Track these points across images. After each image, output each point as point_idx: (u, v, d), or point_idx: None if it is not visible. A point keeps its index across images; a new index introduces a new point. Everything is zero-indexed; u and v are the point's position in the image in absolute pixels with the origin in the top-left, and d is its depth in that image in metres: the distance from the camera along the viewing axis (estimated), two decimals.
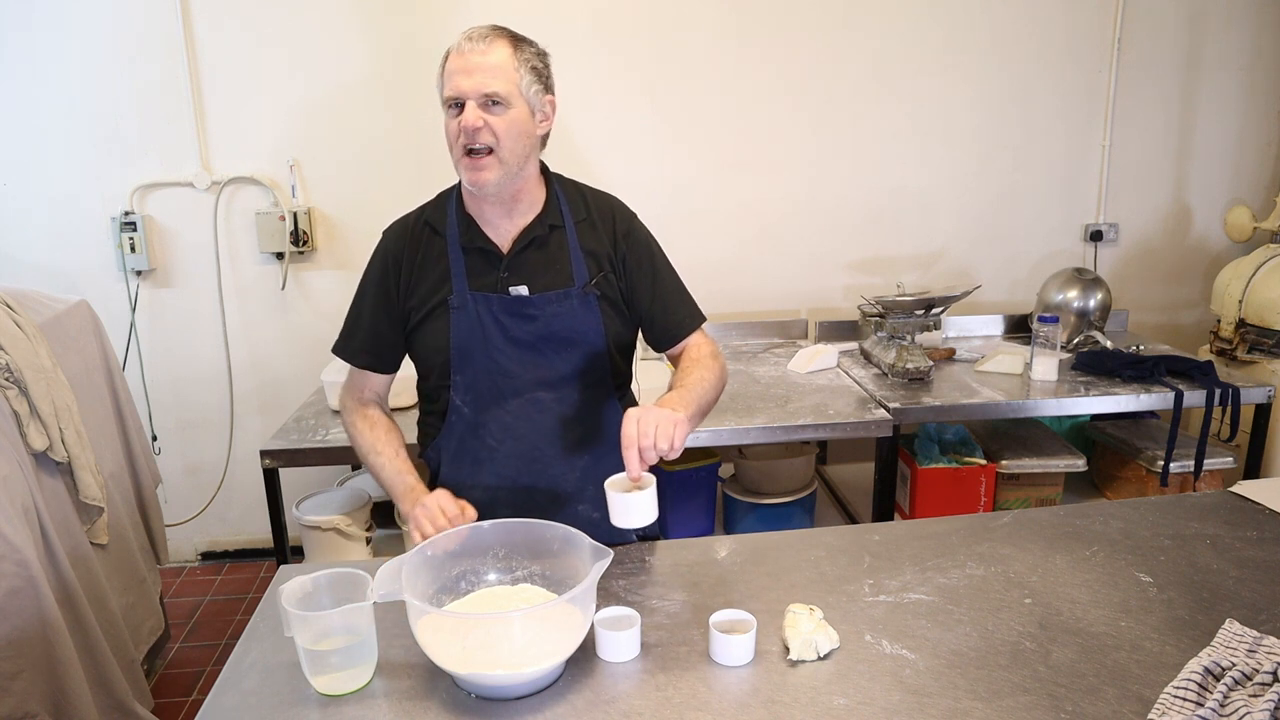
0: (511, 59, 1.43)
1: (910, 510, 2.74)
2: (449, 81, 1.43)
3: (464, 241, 1.52)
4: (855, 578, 1.46)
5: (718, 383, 1.54)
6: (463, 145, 1.43)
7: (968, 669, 1.21)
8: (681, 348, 1.61)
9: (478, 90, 1.41)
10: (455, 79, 1.42)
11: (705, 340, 1.62)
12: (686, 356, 1.58)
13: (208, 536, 3.41)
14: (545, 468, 1.55)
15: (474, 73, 1.41)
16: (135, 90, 2.98)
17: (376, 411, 1.60)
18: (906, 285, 3.00)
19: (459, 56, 1.43)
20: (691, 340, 1.61)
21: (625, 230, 1.58)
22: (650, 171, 3.18)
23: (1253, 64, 3.34)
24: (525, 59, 1.45)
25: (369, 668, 1.22)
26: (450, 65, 1.44)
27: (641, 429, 1.29)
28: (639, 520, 1.29)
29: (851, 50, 3.16)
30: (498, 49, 1.43)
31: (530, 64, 1.46)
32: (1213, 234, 3.49)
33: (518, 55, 1.44)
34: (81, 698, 1.90)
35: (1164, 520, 1.63)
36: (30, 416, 1.99)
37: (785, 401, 2.56)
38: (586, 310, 1.52)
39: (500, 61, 1.42)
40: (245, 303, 3.18)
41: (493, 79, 1.41)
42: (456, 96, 1.42)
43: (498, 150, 1.43)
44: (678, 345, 1.61)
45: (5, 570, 1.77)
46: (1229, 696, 1.10)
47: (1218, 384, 2.57)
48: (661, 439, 1.29)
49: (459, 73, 1.42)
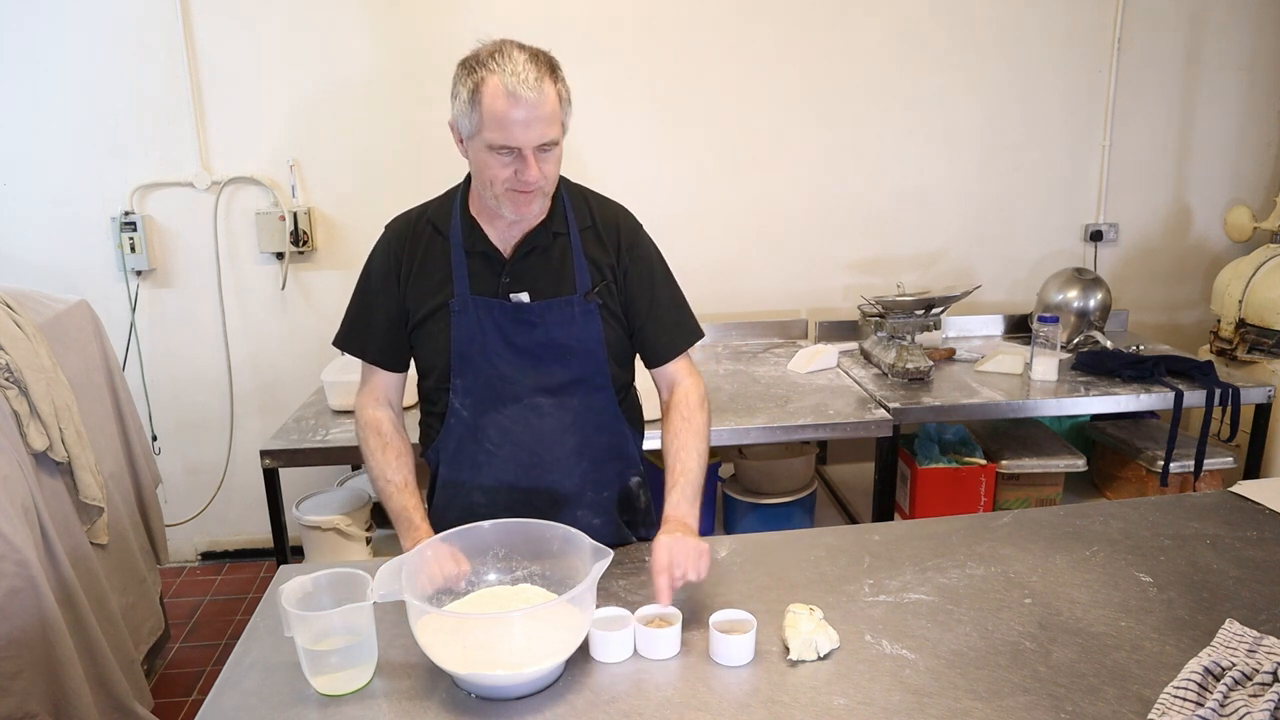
0: (556, 98, 1.39)
1: (910, 510, 2.74)
2: (499, 129, 1.35)
3: (467, 244, 1.52)
4: (855, 578, 1.46)
5: (707, 441, 1.57)
6: (509, 187, 1.40)
7: (968, 669, 1.21)
8: (670, 380, 1.60)
9: (538, 141, 1.37)
10: (513, 131, 1.34)
11: (693, 380, 1.60)
12: (676, 412, 1.56)
13: (208, 536, 3.41)
14: (544, 472, 1.55)
15: (533, 125, 1.35)
16: (135, 90, 2.98)
17: (389, 426, 1.57)
18: (906, 285, 3.00)
19: (513, 103, 1.33)
20: (680, 375, 1.60)
21: (630, 243, 1.57)
22: (651, 172, 3.18)
23: (1253, 64, 3.34)
24: (564, 89, 1.41)
25: (369, 668, 1.22)
26: (500, 108, 1.34)
27: (674, 559, 1.33)
28: (664, 654, 1.27)
29: (852, 50, 3.16)
30: (548, 93, 1.36)
31: (567, 92, 1.42)
32: (1213, 234, 3.49)
33: (560, 90, 1.40)
34: (81, 698, 1.90)
35: (1164, 520, 1.63)
36: (30, 416, 1.99)
37: (785, 401, 2.56)
38: (587, 319, 1.51)
39: (554, 108, 1.37)
40: (245, 303, 3.18)
41: (550, 127, 1.37)
42: (513, 146, 1.37)
43: (544, 187, 1.43)
44: (665, 367, 1.60)
45: (5, 570, 1.77)
46: (1229, 696, 1.10)
47: (1218, 384, 2.57)
48: (690, 570, 1.34)
49: (517, 125, 1.34)
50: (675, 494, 1.50)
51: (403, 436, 1.59)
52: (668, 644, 1.26)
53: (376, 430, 1.57)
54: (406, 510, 1.51)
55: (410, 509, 1.51)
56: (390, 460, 1.54)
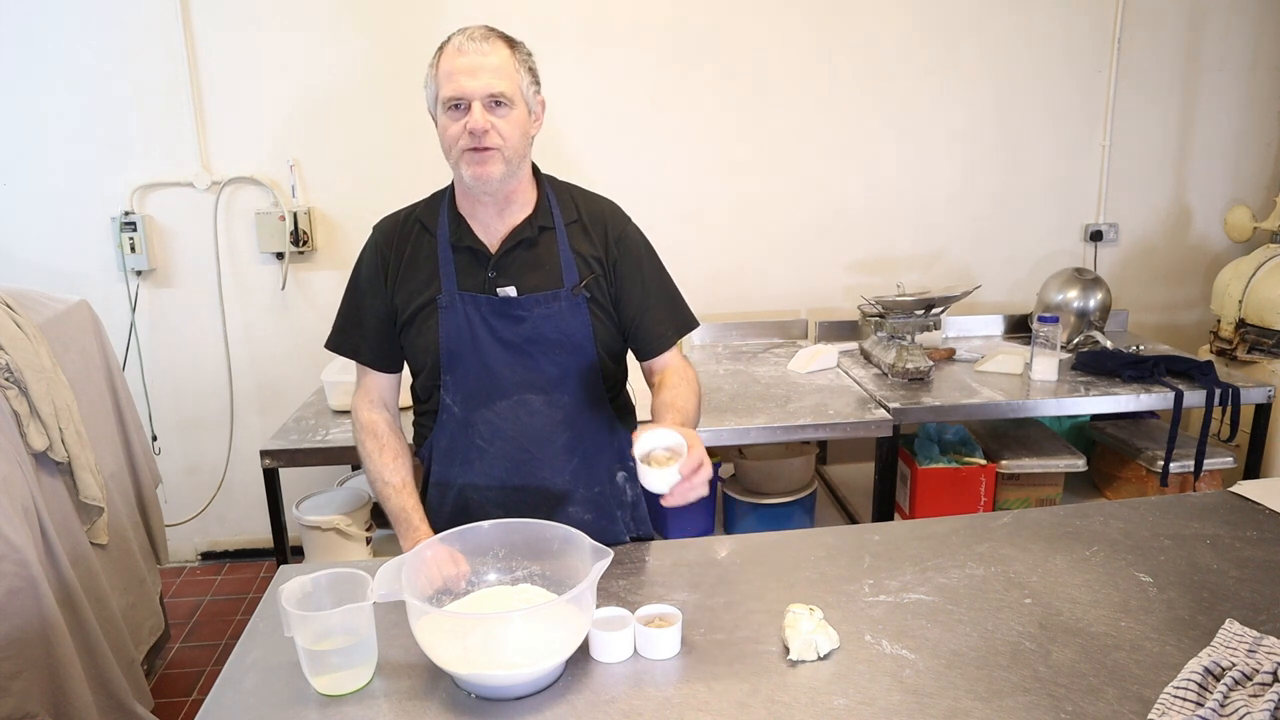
0: (511, 59, 1.43)
1: (910, 510, 2.74)
2: (449, 82, 1.40)
3: (453, 240, 1.52)
4: (855, 578, 1.46)
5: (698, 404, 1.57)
6: (463, 147, 1.41)
7: (968, 669, 1.21)
8: (662, 367, 1.61)
9: (484, 91, 1.39)
10: (458, 79, 1.39)
11: (684, 364, 1.61)
12: (667, 379, 1.57)
13: (208, 536, 3.41)
14: (535, 469, 1.55)
15: (479, 73, 1.39)
16: (135, 90, 2.98)
17: (385, 428, 1.58)
18: (906, 285, 3.00)
19: (459, 55, 1.40)
20: (671, 363, 1.61)
21: (619, 235, 1.57)
22: (650, 172, 3.17)
23: (1253, 64, 3.34)
24: (522, 59, 1.46)
25: (369, 668, 1.22)
26: (448, 65, 1.41)
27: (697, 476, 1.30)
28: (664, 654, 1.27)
29: (852, 50, 3.16)
30: (498, 49, 1.42)
31: (527, 64, 1.46)
32: (1213, 234, 3.49)
33: (516, 56, 1.44)
34: (81, 698, 1.90)
35: (1164, 520, 1.63)
36: (30, 416, 1.99)
37: (785, 401, 2.56)
38: (575, 313, 1.51)
39: (502, 62, 1.41)
40: (245, 303, 3.18)
41: (498, 79, 1.40)
42: (460, 97, 1.40)
43: (503, 149, 1.43)
44: (656, 359, 1.61)
45: (5, 570, 1.77)
46: (1229, 696, 1.10)
47: (1218, 384, 2.57)
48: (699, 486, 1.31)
49: (462, 73, 1.39)
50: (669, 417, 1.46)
51: (399, 438, 1.59)
52: (668, 644, 1.26)
53: (373, 433, 1.57)
54: (405, 511, 1.51)
55: (409, 509, 1.51)
56: (387, 462, 1.55)
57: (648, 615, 1.30)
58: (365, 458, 1.57)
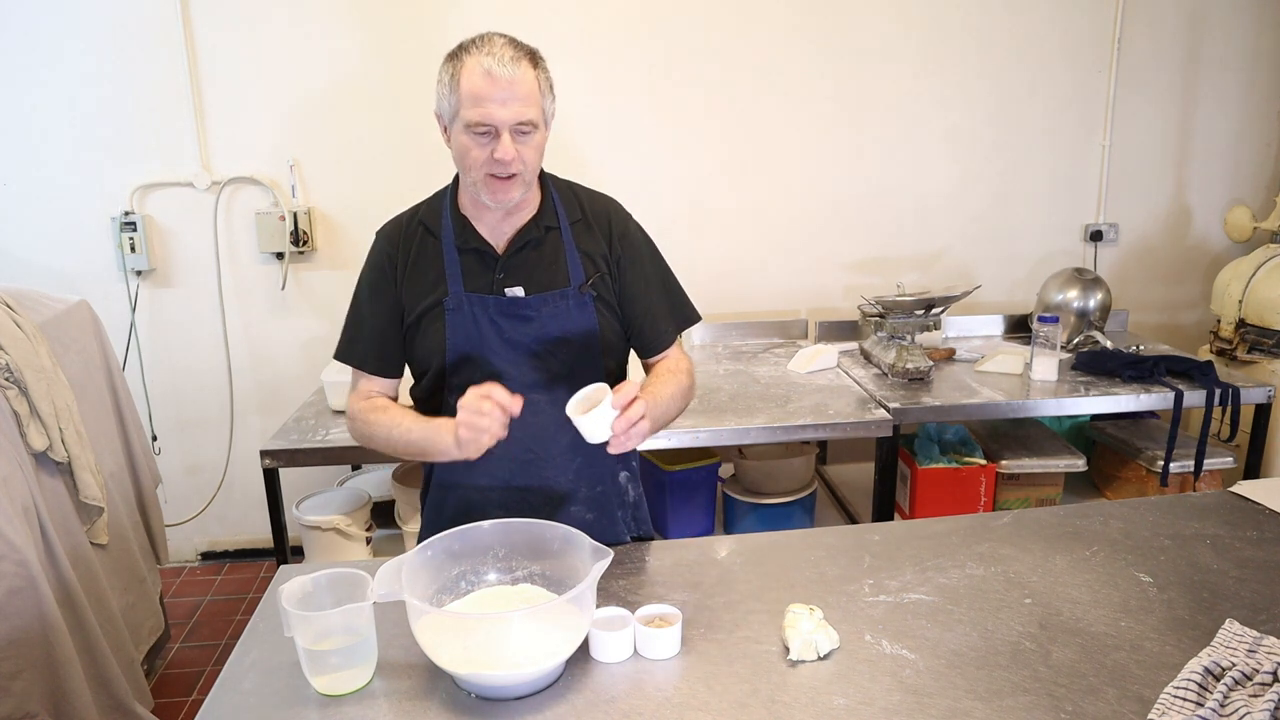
0: (536, 81, 1.40)
1: (910, 510, 2.74)
2: (476, 106, 1.36)
3: (459, 242, 1.52)
4: (855, 578, 1.46)
5: (684, 401, 1.57)
6: (487, 172, 1.41)
7: (968, 669, 1.21)
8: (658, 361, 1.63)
9: (514, 120, 1.37)
10: (489, 108, 1.36)
11: (679, 356, 1.63)
12: (657, 368, 1.60)
13: (208, 536, 3.41)
14: (539, 469, 1.55)
15: (509, 103, 1.36)
16: (135, 90, 2.98)
17: (382, 399, 1.57)
18: (906, 285, 3.00)
19: (489, 82, 1.36)
20: (667, 355, 1.63)
21: (621, 232, 1.58)
22: (651, 172, 3.18)
23: (1253, 64, 3.34)
24: (545, 76, 1.43)
25: (369, 668, 1.22)
26: (475, 88, 1.36)
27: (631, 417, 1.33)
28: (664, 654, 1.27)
29: (853, 51, 3.16)
30: (526, 74, 1.38)
31: (548, 79, 1.44)
32: (1213, 234, 3.49)
33: (539, 75, 1.42)
34: (81, 698, 1.90)
35: (1164, 520, 1.63)
36: (30, 416, 1.99)
37: (785, 401, 2.56)
38: (582, 311, 1.51)
39: (531, 89, 1.39)
40: (245, 303, 3.18)
41: (528, 107, 1.38)
42: (489, 125, 1.37)
43: (524, 174, 1.43)
44: (658, 356, 1.63)
45: (5, 570, 1.77)
46: (1229, 696, 1.10)
47: (1218, 384, 2.57)
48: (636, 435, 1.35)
49: (492, 101, 1.36)
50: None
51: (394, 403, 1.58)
52: (668, 644, 1.26)
53: (370, 406, 1.55)
54: (424, 423, 1.46)
55: (425, 418, 1.47)
56: (394, 412, 1.51)
57: (648, 615, 1.30)
58: (369, 426, 1.52)
